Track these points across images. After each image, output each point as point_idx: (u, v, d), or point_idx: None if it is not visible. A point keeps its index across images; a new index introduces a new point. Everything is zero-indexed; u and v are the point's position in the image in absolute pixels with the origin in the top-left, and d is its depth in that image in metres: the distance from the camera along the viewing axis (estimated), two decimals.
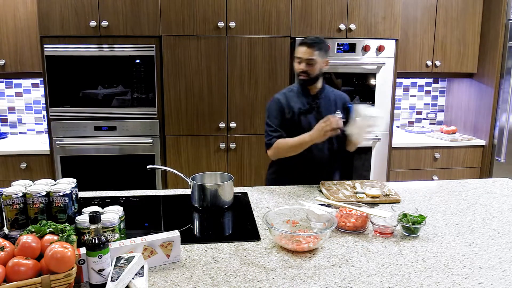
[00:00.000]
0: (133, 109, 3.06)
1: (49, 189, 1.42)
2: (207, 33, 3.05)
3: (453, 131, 3.77)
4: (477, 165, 3.62)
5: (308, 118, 2.18)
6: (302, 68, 2.12)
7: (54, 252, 1.05)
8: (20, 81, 3.58)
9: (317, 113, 2.19)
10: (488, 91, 3.51)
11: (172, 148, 3.15)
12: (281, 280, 1.19)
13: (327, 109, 2.21)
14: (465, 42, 3.59)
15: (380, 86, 3.28)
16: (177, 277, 1.21)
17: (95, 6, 2.93)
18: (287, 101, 2.19)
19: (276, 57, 3.12)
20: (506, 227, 1.59)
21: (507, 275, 1.23)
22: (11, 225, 1.39)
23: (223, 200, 1.80)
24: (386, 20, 3.22)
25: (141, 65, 3.02)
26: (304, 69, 2.12)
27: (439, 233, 1.53)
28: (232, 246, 1.43)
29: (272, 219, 1.49)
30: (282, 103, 2.19)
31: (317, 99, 2.20)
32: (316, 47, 2.10)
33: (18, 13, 3.15)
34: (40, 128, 3.68)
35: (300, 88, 2.22)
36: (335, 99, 2.25)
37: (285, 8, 3.09)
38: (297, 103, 2.19)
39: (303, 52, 2.11)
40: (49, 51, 2.93)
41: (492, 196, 1.96)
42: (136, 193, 2.02)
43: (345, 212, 1.58)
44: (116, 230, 1.33)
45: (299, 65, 2.13)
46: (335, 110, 2.21)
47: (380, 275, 1.22)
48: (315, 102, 2.20)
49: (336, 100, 2.25)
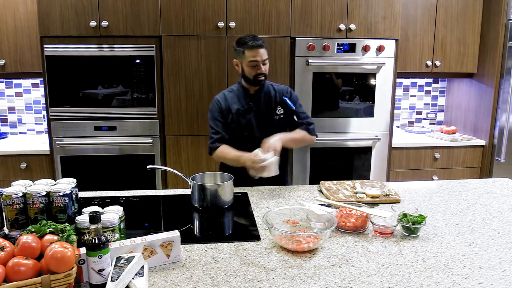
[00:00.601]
0: (133, 109, 3.06)
1: (49, 189, 1.42)
2: (207, 33, 3.05)
3: (453, 131, 3.77)
4: (477, 165, 3.62)
5: (247, 118, 2.19)
6: (262, 71, 2.11)
7: (54, 252, 1.05)
8: (20, 81, 3.58)
9: (257, 110, 2.20)
10: (488, 91, 3.51)
11: (172, 148, 3.15)
12: (281, 280, 1.19)
13: (266, 106, 2.22)
14: (465, 42, 3.59)
15: (380, 86, 3.28)
16: (177, 277, 1.21)
17: (95, 6, 2.93)
18: (226, 102, 2.20)
19: (276, 57, 3.12)
20: (506, 227, 1.59)
21: (507, 275, 1.23)
22: (11, 225, 1.39)
23: (223, 200, 1.80)
24: (386, 20, 3.22)
25: (141, 65, 3.02)
26: (263, 72, 2.12)
27: (439, 233, 1.53)
28: (232, 246, 1.43)
29: (272, 219, 1.49)
30: (221, 104, 2.20)
31: (256, 98, 2.21)
32: (264, 46, 2.11)
33: (18, 13, 3.15)
34: (40, 128, 3.68)
35: (241, 88, 2.22)
36: (276, 95, 2.25)
37: (285, 8, 3.09)
38: (236, 103, 2.20)
39: (261, 54, 2.09)
40: (49, 51, 2.93)
41: (492, 196, 1.96)
42: (136, 193, 2.02)
43: (345, 212, 1.58)
44: (116, 230, 1.33)
45: (254, 68, 2.10)
46: (276, 107, 2.23)
47: (380, 275, 1.22)
48: (253, 102, 2.21)
49: (277, 96, 2.25)
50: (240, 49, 2.12)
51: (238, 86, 2.25)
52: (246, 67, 2.12)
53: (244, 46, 2.10)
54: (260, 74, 2.12)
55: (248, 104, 2.20)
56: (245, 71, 2.14)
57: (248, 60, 2.10)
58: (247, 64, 2.11)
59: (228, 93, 2.25)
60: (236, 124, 2.19)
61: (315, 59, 3.15)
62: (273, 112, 2.24)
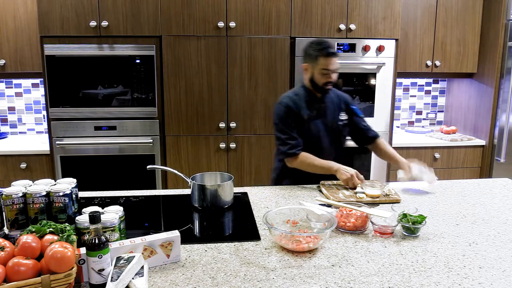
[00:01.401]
0: (133, 109, 3.06)
1: (49, 189, 1.42)
2: (207, 33, 3.05)
3: (453, 131, 3.77)
4: (477, 165, 3.62)
5: (316, 124, 2.16)
6: (332, 80, 2.08)
7: (54, 252, 1.05)
8: (20, 81, 3.58)
9: (324, 116, 2.18)
10: (488, 91, 3.51)
11: (172, 148, 3.15)
12: (281, 280, 1.19)
13: (332, 112, 2.20)
14: (465, 42, 3.59)
15: (380, 86, 3.28)
16: (177, 277, 1.21)
17: (95, 6, 2.93)
18: (296, 106, 2.14)
19: (276, 57, 3.12)
20: (506, 227, 1.59)
21: (507, 275, 1.23)
22: (11, 225, 1.39)
23: (223, 200, 1.80)
24: (386, 20, 3.22)
25: (141, 65, 3.02)
26: (333, 80, 2.09)
27: (439, 233, 1.53)
28: (232, 246, 1.43)
29: (272, 219, 1.49)
30: (292, 109, 2.13)
31: (322, 103, 2.18)
32: (338, 55, 2.09)
33: (18, 13, 3.15)
34: (40, 128, 3.68)
35: (306, 93, 2.18)
36: (338, 101, 2.24)
37: (285, 8, 3.09)
38: (305, 109, 2.15)
39: (334, 63, 2.06)
40: (49, 51, 2.93)
41: (492, 196, 1.96)
42: (136, 193, 2.02)
43: (345, 212, 1.58)
44: (116, 230, 1.33)
45: (325, 76, 2.07)
46: (339, 113, 2.21)
47: (380, 275, 1.22)
48: (321, 107, 2.17)
49: (340, 102, 2.25)
50: (314, 54, 2.07)
51: (304, 90, 2.19)
52: (317, 74, 2.09)
53: (320, 52, 2.05)
54: (330, 83, 2.10)
55: (316, 110, 2.17)
56: (315, 77, 2.10)
57: (321, 67, 2.06)
58: (319, 71, 2.08)
59: (294, 97, 2.17)
60: (306, 129, 2.15)
61: None
62: (338, 117, 2.22)
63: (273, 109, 2.23)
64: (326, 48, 2.05)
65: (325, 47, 2.05)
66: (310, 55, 2.11)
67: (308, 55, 2.12)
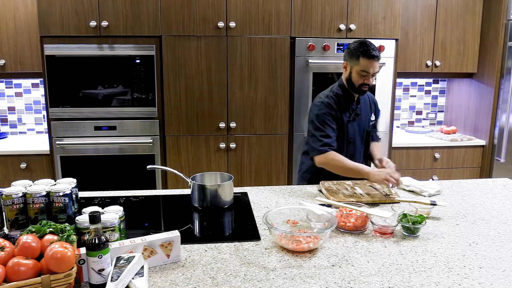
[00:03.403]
0: (133, 109, 3.06)
1: (49, 189, 1.42)
2: (207, 33, 3.05)
3: (453, 131, 3.77)
4: (477, 165, 3.62)
5: (353, 126, 2.14)
6: (370, 82, 2.05)
7: (54, 252, 1.05)
8: (20, 81, 3.58)
9: (359, 118, 2.17)
10: (488, 91, 3.51)
11: (172, 148, 3.15)
12: (281, 280, 1.19)
13: (366, 114, 2.19)
14: (465, 42, 3.59)
15: (380, 86, 3.28)
16: (177, 277, 1.21)
17: (95, 6, 2.93)
18: (337, 107, 2.11)
19: (276, 57, 3.12)
20: (506, 227, 1.59)
21: (507, 275, 1.23)
22: (11, 225, 1.39)
23: (223, 200, 1.80)
24: (386, 20, 3.22)
25: (141, 65, 3.02)
26: (370, 83, 2.06)
27: (439, 233, 1.53)
28: (232, 246, 1.43)
29: (272, 219, 1.49)
30: (333, 109, 2.09)
31: (358, 104, 2.18)
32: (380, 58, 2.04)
33: (18, 13, 3.15)
34: (40, 128, 3.68)
35: (344, 94, 2.14)
36: (369, 101, 2.24)
37: (285, 8, 3.09)
38: (344, 110, 2.12)
39: (375, 66, 2.02)
40: (49, 51, 2.93)
41: (492, 196, 1.96)
42: (136, 193, 2.02)
43: (345, 212, 1.58)
44: (116, 230, 1.33)
45: (363, 78, 2.04)
46: (370, 114, 2.21)
47: (380, 275, 1.22)
48: (358, 109, 2.16)
49: (370, 102, 2.24)
50: (356, 54, 2.03)
51: (342, 91, 2.15)
52: (356, 74, 2.05)
53: (363, 53, 2.01)
54: (367, 85, 2.07)
55: (354, 111, 2.15)
56: (353, 77, 2.07)
57: (360, 68, 2.03)
58: (358, 72, 2.04)
59: (334, 97, 2.13)
60: (344, 132, 2.12)
61: (315, 59, 3.15)
62: (370, 119, 2.21)
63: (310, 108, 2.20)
64: (369, 49, 2.00)
65: (368, 49, 2.00)
66: (352, 54, 2.06)
67: (350, 54, 2.08)
